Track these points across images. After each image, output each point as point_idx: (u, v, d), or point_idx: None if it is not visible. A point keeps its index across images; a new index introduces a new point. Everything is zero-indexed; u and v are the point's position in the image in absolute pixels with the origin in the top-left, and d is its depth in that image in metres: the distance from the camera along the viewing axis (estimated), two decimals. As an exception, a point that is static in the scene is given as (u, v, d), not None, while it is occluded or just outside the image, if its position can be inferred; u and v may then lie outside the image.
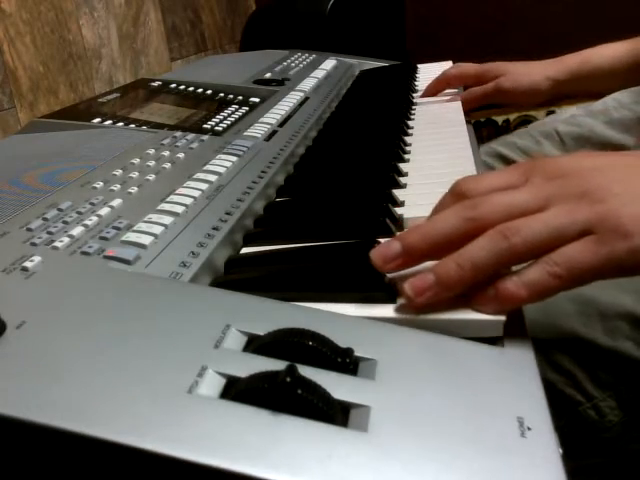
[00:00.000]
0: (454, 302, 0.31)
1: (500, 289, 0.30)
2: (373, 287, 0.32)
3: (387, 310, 0.31)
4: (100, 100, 0.73)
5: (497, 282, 0.30)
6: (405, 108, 0.73)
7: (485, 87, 0.76)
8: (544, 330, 0.47)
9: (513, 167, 0.35)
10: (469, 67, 0.81)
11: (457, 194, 0.34)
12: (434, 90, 0.80)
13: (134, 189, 0.44)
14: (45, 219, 0.39)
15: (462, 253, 0.31)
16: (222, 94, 0.76)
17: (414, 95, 0.82)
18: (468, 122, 0.68)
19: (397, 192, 0.46)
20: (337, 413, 0.23)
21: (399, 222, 0.42)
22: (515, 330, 0.30)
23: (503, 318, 0.29)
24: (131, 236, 0.37)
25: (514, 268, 0.31)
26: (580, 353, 0.48)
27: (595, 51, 0.77)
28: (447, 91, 0.80)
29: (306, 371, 0.24)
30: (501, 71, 0.77)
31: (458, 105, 0.73)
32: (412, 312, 0.31)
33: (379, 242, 0.36)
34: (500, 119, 1.03)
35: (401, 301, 0.31)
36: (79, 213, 0.40)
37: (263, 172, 0.51)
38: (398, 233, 0.38)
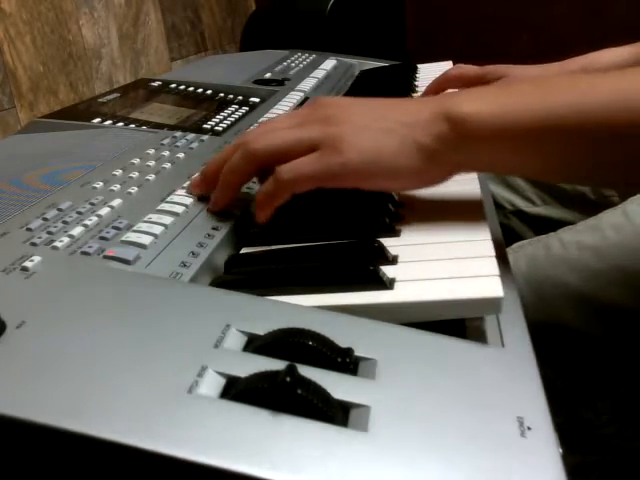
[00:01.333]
0: (451, 284, 0.31)
1: (257, 198, 0.40)
2: (373, 286, 0.32)
3: (385, 295, 0.31)
4: (100, 100, 0.73)
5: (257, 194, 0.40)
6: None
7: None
8: (541, 327, 0.47)
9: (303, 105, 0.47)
10: (470, 69, 0.80)
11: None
12: (435, 90, 0.80)
13: (134, 189, 0.44)
14: (45, 219, 0.39)
15: (225, 164, 0.41)
16: (222, 94, 0.76)
17: (414, 95, 0.82)
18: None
19: (397, 192, 0.46)
20: (337, 413, 0.23)
21: (399, 221, 0.42)
22: (515, 330, 0.30)
23: (501, 294, 0.30)
24: (131, 236, 0.37)
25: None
26: (577, 350, 0.48)
27: (597, 56, 0.77)
28: (447, 91, 0.80)
29: (306, 371, 0.24)
30: (501, 73, 0.77)
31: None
32: (410, 295, 0.31)
33: (379, 242, 0.36)
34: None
35: (398, 288, 0.32)
36: (79, 213, 0.40)
37: (263, 172, 0.51)
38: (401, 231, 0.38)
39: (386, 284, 0.32)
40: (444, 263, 0.34)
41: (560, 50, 0.79)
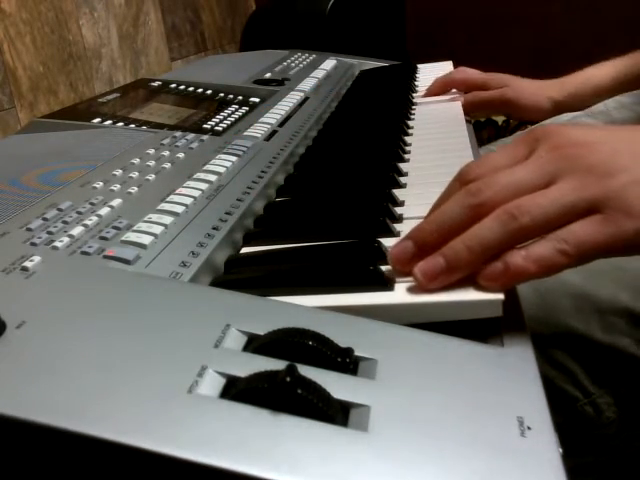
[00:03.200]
0: (451, 286, 0.31)
1: (509, 264, 0.30)
2: (373, 286, 0.32)
3: (385, 296, 0.31)
4: (100, 100, 0.73)
5: (505, 257, 0.30)
6: (405, 108, 0.73)
7: (491, 93, 0.76)
8: (542, 326, 0.47)
9: (517, 140, 0.35)
10: (474, 74, 0.81)
11: (462, 180, 0.34)
12: (437, 91, 0.81)
13: (134, 189, 0.44)
14: (45, 219, 0.39)
15: (470, 234, 0.31)
16: (222, 94, 0.76)
17: (414, 95, 0.82)
18: (468, 122, 0.68)
19: (397, 192, 0.46)
20: (337, 413, 0.23)
21: (399, 221, 0.42)
22: (515, 330, 0.30)
23: (502, 297, 0.29)
24: (131, 236, 0.37)
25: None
26: (577, 349, 0.48)
27: (594, 71, 0.77)
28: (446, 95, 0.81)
29: (306, 371, 0.24)
30: (505, 82, 0.77)
31: (458, 105, 0.73)
32: (410, 297, 0.31)
33: (379, 242, 0.36)
34: (500, 119, 1.03)
35: (399, 288, 0.32)
36: (79, 213, 0.40)
37: (263, 172, 0.51)
38: (401, 232, 0.38)
39: (386, 284, 0.32)
40: None
41: (559, 50, 0.79)
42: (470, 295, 0.30)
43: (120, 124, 0.63)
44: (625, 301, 0.47)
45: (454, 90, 0.80)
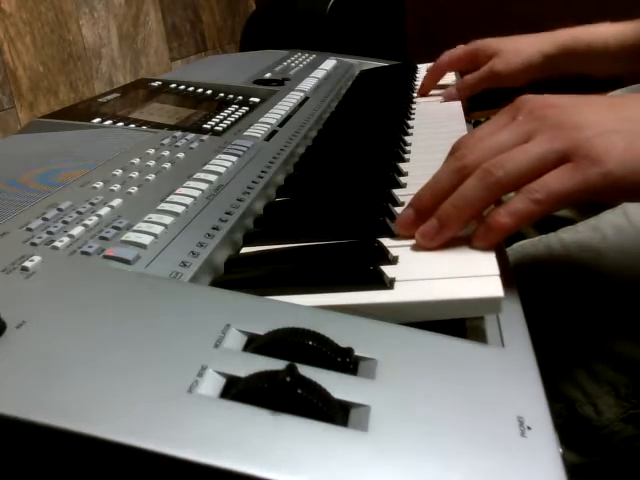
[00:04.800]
0: (451, 284, 0.31)
1: (490, 222, 0.34)
2: (373, 286, 0.32)
3: (385, 295, 0.31)
4: (100, 100, 0.73)
5: (487, 217, 0.34)
6: (405, 108, 0.73)
7: (479, 72, 0.74)
8: (542, 327, 0.47)
9: (502, 111, 0.38)
10: (457, 50, 0.78)
11: (452, 151, 0.38)
12: (429, 84, 0.79)
13: (134, 189, 0.44)
14: (45, 219, 0.39)
15: (456, 194, 0.35)
16: (222, 94, 0.76)
17: (414, 95, 0.82)
18: (468, 122, 0.68)
19: (397, 192, 0.46)
20: (337, 413, 0.23)
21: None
22: (515, 330, 0.30)
23: (501, 294, 0.30)
24: (131, 236, 0.37)
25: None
26: (578, 350, 0.48)
27: (590, 29, 0.73)
28: (447, 91, 0.80)
29: (306, 371, 0.24)
30: (492, 50, 0.74)
31: (458, 105, 0.73)
32: (410, 295, 0.31)
33: (379, 242, 0.36)
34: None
35: (399, 287, 0.32)
36: (79, 213, 0.40)
37: (263, 172, 0.51)
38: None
39: (386, 284, 0.32)
40: (444, 263, 0.34)
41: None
42: (470, 293, 0.30)
43: (120, 124, 0.63)
44: (624, 302, 0.47)
45: (452, 79, 0.78)
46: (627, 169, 0.32)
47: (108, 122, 0.63)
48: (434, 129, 0.65)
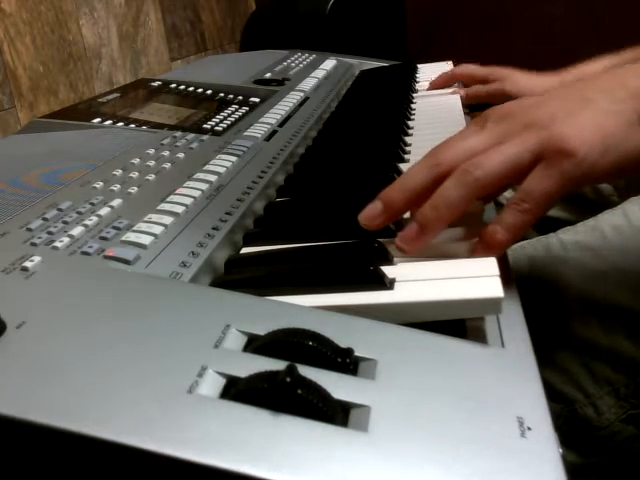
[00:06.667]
0: (451, 285, 0.31)
1: (487, 240, 0.34)
2: (373, 286, 0.32)
3: (385, 295, 0.31)
4: (100, 100, 0.73)
5: (483, 236, 0.34)
6: (405, 108, 0.73)
7: (489, 87, 0.78)
8: (542, 327, 0.47)
9: (472, 121, 0.39)
10: (476, 69, 0.83)
11: (427, 156, 0.38)
12: (441, 84, 0.83)
13: (134, 189, 0.44)
14: (45, 219, 0.39)
15: (435, 196, 0.35)
16: (222, 94, 0.76)
17: (414, 95, 0.82)
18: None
19: (397, 192, 0.46)
20: (337, 413, 0.23)
21: (400, 222, 0.42)
22: (515, 330, 0.30)
23: (501, 295, 0.30)
24: (131, 236, 0.37)
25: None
26: (578, 351, 0.48)
27: (590, 66, 0.77)
28: (447, 90, 0.81)
29: (306, 371, 0.24)
30: (504, 76, 0.79)
31: (458, 105, 0.73)
32: (410, 296, 0.31)
33: (379, 242, 0.36)
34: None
35: (398, 288, 0.32)
36: (79, 213, 0.40)
37: (263, 172, 0.51)
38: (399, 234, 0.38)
39: (386, 284, 0.32)
40: (444, 263, 0.34)
41: (559, 51, 0.79)
42: (470, 293, 0.30)
43: (120, 124, 0.63)
44: (624, 303, 0.47)
45: (455, 85, 0.81)
46: (599, 152, 0.32)
47: (108, 122, 0.63)
48: (434, 129, 0.65)
